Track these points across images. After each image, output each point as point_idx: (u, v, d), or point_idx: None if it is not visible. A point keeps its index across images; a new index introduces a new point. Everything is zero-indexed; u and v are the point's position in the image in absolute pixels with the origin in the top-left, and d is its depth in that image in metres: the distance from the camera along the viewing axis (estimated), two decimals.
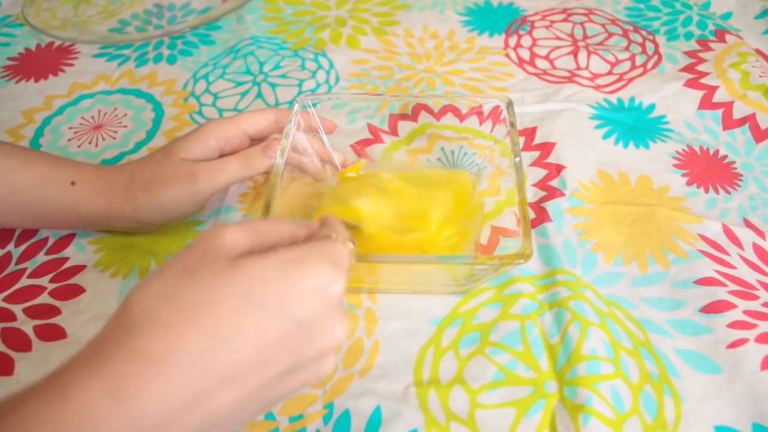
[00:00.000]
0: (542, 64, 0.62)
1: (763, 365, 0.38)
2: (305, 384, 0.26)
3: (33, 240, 0.48)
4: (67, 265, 0.46)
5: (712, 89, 0.57)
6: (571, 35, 0.66)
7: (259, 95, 0.60)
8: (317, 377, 0.26)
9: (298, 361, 0.24)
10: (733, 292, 0.42)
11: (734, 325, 0.40)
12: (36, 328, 0.42)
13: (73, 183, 0.42)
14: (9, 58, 0.67)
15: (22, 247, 0.47)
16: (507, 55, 0.64)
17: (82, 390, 0.19)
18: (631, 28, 0.67)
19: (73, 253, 0.47)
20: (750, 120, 0.55)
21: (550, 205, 0.48)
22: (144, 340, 0.20)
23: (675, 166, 0.52)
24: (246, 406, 0.23)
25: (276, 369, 0.23)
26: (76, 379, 0.20)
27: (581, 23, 0.68)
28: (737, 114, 0.55)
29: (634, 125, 0.55)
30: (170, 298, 0.22)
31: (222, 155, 0.44)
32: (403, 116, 0.54)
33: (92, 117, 0.59)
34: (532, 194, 0.49)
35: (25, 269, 0.46)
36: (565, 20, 0.68)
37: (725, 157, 0.53)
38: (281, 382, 0.24)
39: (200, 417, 0.21)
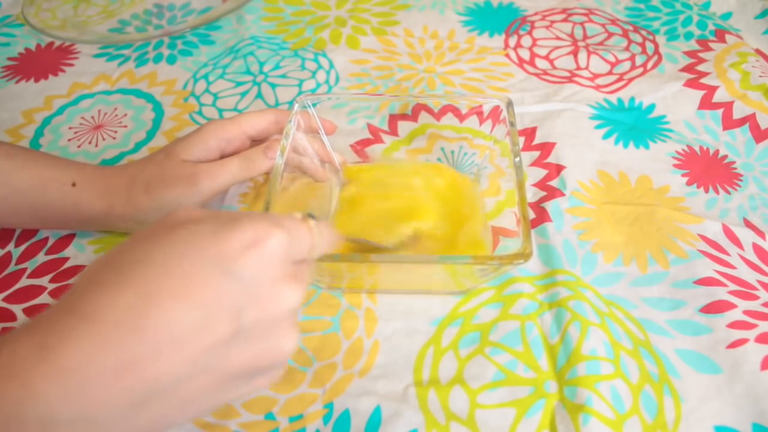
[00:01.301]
0: (542, 64, 0.62)
1: (763, 365, 0.38)
2: (264, 360, 0.23)
3: (33, 240, 0.48)
4: (67, 265, 0.46)
5: (712, 89, 0.57)
6: (571, 35, 0.66)
7: (259, 95, 0.60)
8: (276, 352, 0.24)
9: (245, 325, 0.22)
10: (733, 292, 0.42)
11: (734, 325, 0.40)
12: None
13: (73, 184, 0.42)
14: (9, 58, 0.67)
15: (22, 247, 0.47)
16: (507, 55, 0.64)
17: (15, 342, 0.19)
18: (631, 28, 0.67)
19: (73, 253, 0.47)
20: (750, 120, 0.55)
21: (550, 205, 0.48)
22: (79, 300, 0.20)
23: (675, 166, 0.52)
24: (193, 376, 0.21)
25: (218, 332, 0.21)
26: (13, 335, 0.20)
27: (581, 23, 0.68)
28: (737, 114, 0.55)
29: (634, 125, 0.55)
30: (112, 263, 0.21)
31: (223, 156, 0.44)
32: (403, 116, 0.54)
33: (92, 117, 0.59)
34: (532, 194, 0.49)
35: (25, 269, 0.46)
36: (565, 20, 0.68)
37: (725, 157, 0.53)
38: (230, 350, 0.22)
39: (137, 381, 0.20)
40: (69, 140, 0.57)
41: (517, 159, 0.41)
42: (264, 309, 0.22)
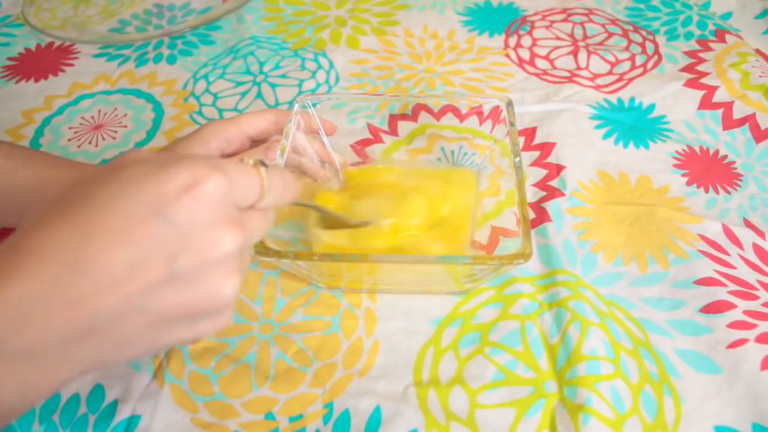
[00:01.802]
0: (542, 64, 0.62)
1: (763, 365, 0.38)
2: (202, 304, 0.23)
3: None
4: None
5: (712, 89, 0.57)
6: (571, 35, 0.66)
7: (259, 95, 0.60)
8: (214, 296, 0.23)
9: (179, 269, 0.22)
10: (733, 292, 0.42)
11: (734, 325, 0.40)
12: None
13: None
14: (9, 58, 0.67)
15: None
16: (507, 55, 0.64)
17: None
18: (631, 28, 0.67)
19: None
20: (750, 120, 0.55)
21: (550, 205, 0.48)
22: (25, 237, 0.21)
23: (675, 166, 0.52)
24: (128, 315, 0.22)
25: (152, 274, 0.21)
26: None
27: (581, 23, 0.68)
28: (737, 114, 0.55)
29: (634, 125, 0.55)
30: (57, 203, 0.22)
31: (223, 156, 0.44)
32: (403, 116, 0.54)
33: (92, 117, 0.59)
34: (532, 194, 0.49)
35: None
36: (565, 20, 0.68)
37: (725, 157, 0.53)
38: (164, 292, 0.22)
39: (75, 317, 0.20)
40: (69, 140, 0.57)
41: (517, 159, 0.41)
42: (199, 253, 0.22)
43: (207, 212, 0.22)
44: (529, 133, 0.55)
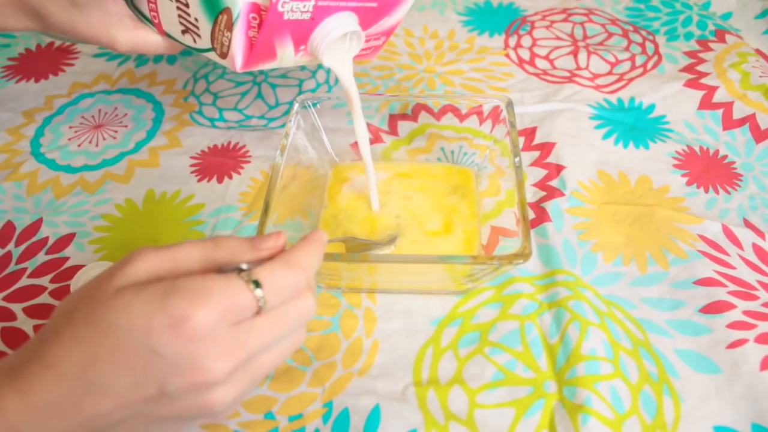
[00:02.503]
0: (542, 64, 0.62)
1: (763, 365, 0.38)
2: (193, 413, 0.26)
3: (33, 240, 0.48)
4: (67, 264, 0.46)
5: (712, 89, 0.57)
6: (571, 35, 0.66)
7: (259, 95, 0.60)
8: (204, 410, 0.26)
9: (169, 390, 0.25)
10: (732, 293, 0.42)
11: (734, 325, 0.40)
12: (36, 328, 0.42)
13: None
14: (9, 59, 0.67)
15: (22, 247, 0.47)
16: (507, 55, 0.64)
17: None
18: (631, 28, 0.67)
19: (73, 253, 0.47)
20: (750, 120, 0.55)
21: (549, 205, 0.48)
22: (43, 349, 0.25)
23: (675, 166, 0.52)
24: (131, 417, 0.25)
25: (147, 392, 0.25)
26: None
27: (581, 23, 0.68)
28: (737, 114, 0.55)
29: (634, 125, 0.55)
30: (70, 314, 0.25)
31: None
32: (403, 116, 0.54)
33: (92, 116, 0.59)
34: (532, 194, 0.49)
35: (25, 269, 0.46)
36: (565, 20, 0.68)
37: (725, 157, 0.53)
38: (160, 404, 0.25)
39: (85, 420, 0.24)
40: (69, 140, 0.57)
41: (517, 159, 0.42)
42: (185, 378, 0.25)
43: (192, 344, 0.24)
44: (529, 133, 0.55)
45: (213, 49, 0.37)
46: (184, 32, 0.38)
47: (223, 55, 0.36)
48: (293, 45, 0.36)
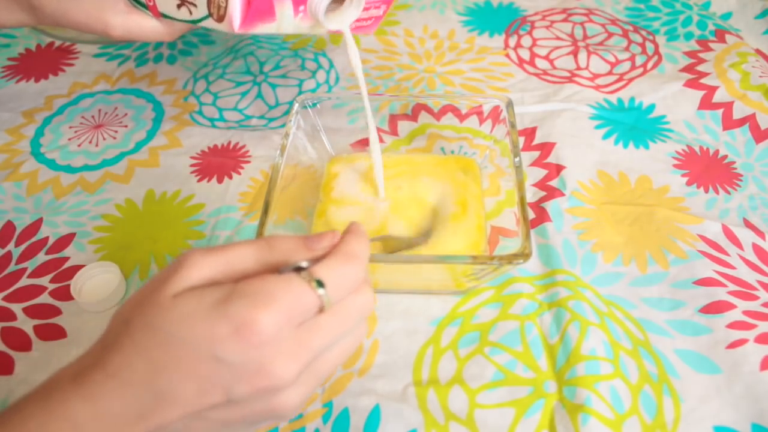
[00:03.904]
0: (542, 64, 0.62)
1: (763, 365, 0.38)
2: (259, 417, 0.26)
3: (33, 240, 0.48)
4: (67, 265, 0.46)
5: (712, 89, 0.57)
6: (571, 35, 0.66)
7: (259, 95, 0.60)
8: (271, 414, 0.26)
9: (235, 396, 0.24)
10: (732, 293, 0.42)
11: (734, 325, 0.40)
12: (36, 328, 0.42)
13: None
14: (9, 59, 0.67)
15: (22, 247, 0.47)
16: (507, 55, 0.64)
17: (63, 393, 0.24)
18: (631, 28, 0.67)
19: (73, 253, 0.47)
20: (750, 120, 0.55)
21: (549, 205, 0.48)
22: (107, 357, 0.25)
23: (675, 166, 0.52)
24: (195, 423, 0.25)
25: (212, 400, 0.24)
26: (59, 383, 0.25)
27: (581, 23, 0.68)
28: (737, 114, 0.55)
29: (634, 125, 0.55)
30: (128, 321, 0.25)
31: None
32: (403, 116, 0.54)
33: (92, 116, 0.59)
34: (532, 194, 0.49)
35: (25, 269, 0.46)
36: (565, 20, 0.68)
37: (725, 157, 0.53)
38: (225, 410, 0.25)
39: (152, 426, 0.24)
40: (69, 139, 0.57)
41: (517, 159, 0.42)
42: (252, 384, 0.24)
43: (257, 349, 0.24)
44: (529, 133, 0.55)
45: (210, 15, 0.36)
46: (179, 6, 0.38)
47: (220, 18, 0.36)
48: (292, 4, 0.36)
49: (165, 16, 0.39)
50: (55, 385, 0.25)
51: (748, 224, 0.47)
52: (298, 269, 0.26)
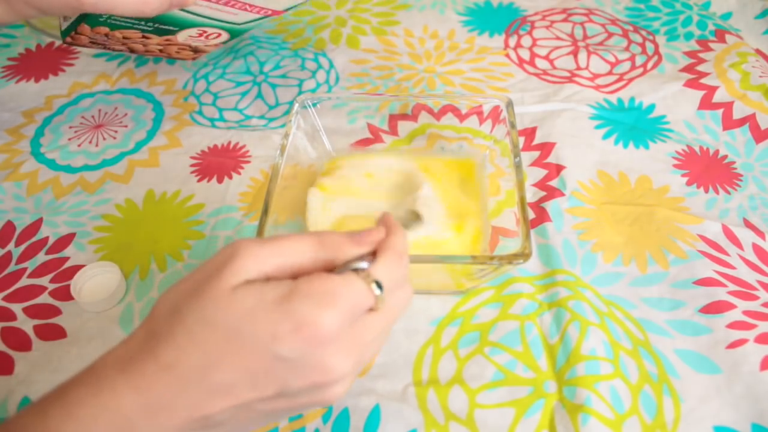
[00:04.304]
0: (542, 64, 0.62)
1: (763, 365, 0.38)
2: (307, 406, 0.27)
3: (33, 240, 0.48)
4: (67, 265, 0.46)
5: (712, 89, 0.57)
6: (571, 35, 0.66)
7: (259, 95, 0.60)
8: (320, 403, 0.27)
9: (288, 390, 0.25)
10: (732, 293, 0.42)
11: (734, 325, 0.40)
12: (36, 328, 0.42)
13: None
14: (9, 59, 0.67)
15: (22, 247, 0.47)
16: (507, 55, 0.64)
17: (112, 382, 0.24)
18: (631, 28, 0.67)
19: (73, 253, 0.47)
20: (750, 120, 0.55)
21: (549, 205, 0.48)
22: (158, 347, 0.25)
23: (675, 166, 0.52)
24: (243, 413, 0.26)
25: (265, 392, 0.25)
26: (106, 372, 0.25)
27: (581, 23, 0.68)
28: (737, 114, 0.55)
29: (634, 125, 0.55)
30: (179, 312, 0.25)
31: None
32: (403, 116, 0.54)
33: (92, 116, 0.59)
34: (532, 194, 0.49)
35: (25, 269, 0.46)
36: (565, 20, 0.68)
37: (725, 157, 0.53)
38: (276, 402, 0.26)
39: (197, 418, 0.25)
40: (69, 139, 0.57)
41: (517, 159, 0.42)
42: (309, 379, 0.25)
43: (317, 347, 0.24)
44: (529, 133, 0.55)
45: None
46: None
47: None
48: None
49: None
50: (103, 373, 0.25)
51: (748, 224, 0.47)
52: (356, 270, 0.26)
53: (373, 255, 0.27)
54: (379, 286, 0.26)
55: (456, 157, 0.50)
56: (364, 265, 0.26)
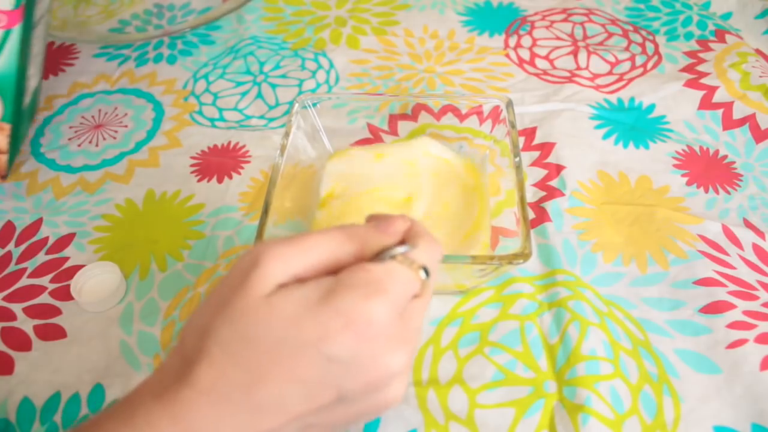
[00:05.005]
0: (542, 64, 0.62)
1: (763, 365, 0.38)
2: (368, 412, 0.25)
3: (33, 240, 0.48)
4: (67, 265, 0.46)
5: (712, 89, 0.57)
6: (571, 35, 0.66)
7: (260, 95, 0.60)
8: (380, 406, 0.25)
9: (347, 393, 0.23)
10: (732, 293, 0.42)
11: (734, 325, 0.40)
12: (36, 328, 0.42)
13: None
14: None
15: (22, 247, 0.47)
16: (507, 55, 0.64)
17: (146, 412, 0.23)
18: (631, 28, 0.67)
19: (73, 253, 0.47)
20: (750, 120, 0.55)
21: (549, 205, 0.48)
22: (192, 373, 0.23)
23: (675, 166, 0.52)
24: (302, 428, 0.24)
25: (321, 401, 0.23)
26: (142, 401, 0.23)
27: (581, 23, 0.68)
28: (737, 114, 0.55)
29: (634, 125, 0.55)
30: (210, 333, 0.23)
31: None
32: (403, 116, 0.54)
33: (92, 116, 0.59)
34: (532, 194, 0.49)
35: (25, 269, 0.46)
36: (565, 20, 0.68)
37: (725, 157, 0.53)
38: (334, 411, 0.24)
39: None
40: (69, 139, 0.57)
41: (517, 159, 0.42)
42: (365, 378, 0.23)
43: (370, 342, 0.23)
44: (529, 133, 0.55)
45: None
46: None
47: None
48: None
49: None
50: (137, 403, 0.23)
51: (748, 224, 0.47)
52: (393, 256, 0.25)
53: (401, 243, 0.26)
54: (426, 271, 0.25)
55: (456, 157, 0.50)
56: (404, 249, 0.25)
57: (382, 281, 0.24)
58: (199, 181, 0.52)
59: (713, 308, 0.41)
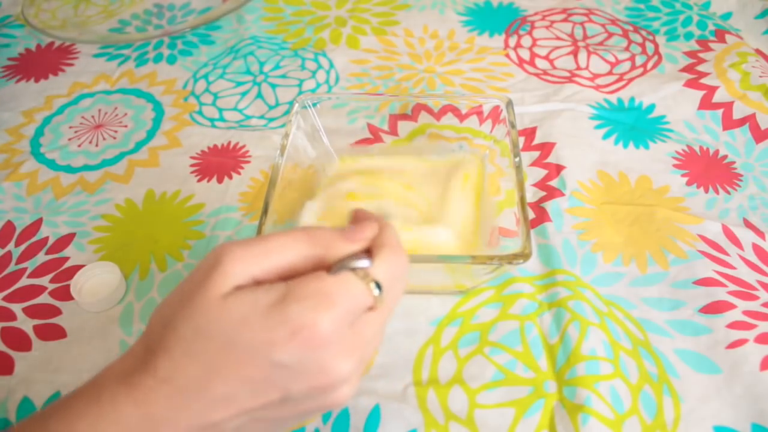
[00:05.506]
0: (542, 64, 0.62)
1: (763, 365, 0.38)
2: (313, 411, 0.26)
3: (33, 240, 0.48)
4: (67, 265, 0.46)
5: (712, 89, 0.57)
6: (571, 35, 0.66)
7: (259, 95, 0.60)
8: (329, 406, 0.26)
9: (291, 395, 0.24)
10: (732, 293, 0.42)
11: (734, 325, 0.40)
12: (36, 328, 0.42)
13: None
14: (9, 59, 0.67)
15: (22, 247, 0.47)
16: (507, 55, 0.64)
17: (112, 395, 0.24)
18: (631, 28, 0.67)
19: (73, 253, 0.47)
20: (750, 120, 0.55)
21: (549, 205, 0.48)
22: (154, 361, 0.24)
23: (675, 166, 0.52)
24: (247, 422, 0.25)
25: (268, 399, 0.24)
26: (107, 386, 0.25)
27: (581, 23, 0.68)
28: (737, 114, 0.55)
29: (634, 125, 0.55)
30: (173, 324, 0.25)
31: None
32: (403, 116, 0.54)
33: (92, 116, 0.59)
34: (532, 194, 0.49)
35: (25, 269, 0.46)
36: (565, 20, 0.68)
37: (725, 157, 0.53)
38: (280, 408, 0.25)
39: (202, 427, 0.24)
40: (69, 139, 0.57)
41: (517, 159, 0.42)
42: (310, 383, 0.24)
43: (316, 349, 0.24)
44: (529, 133, 0.55)
45: None
46: None
47: None
48: None
49: None
50: (103, 386, 0.25)
51: (748, 224, 0.47)
52: (353, 269, 0.25)
53: (366, 251, 0.26)
54: (378, 286, 0.25)
55: (457, 157, 0.50)
56: (363, 263, 0.25)
57: (332, 294, 0.24)
58: (199, 181, 0.52)
59: (713, 308, 0.41)
